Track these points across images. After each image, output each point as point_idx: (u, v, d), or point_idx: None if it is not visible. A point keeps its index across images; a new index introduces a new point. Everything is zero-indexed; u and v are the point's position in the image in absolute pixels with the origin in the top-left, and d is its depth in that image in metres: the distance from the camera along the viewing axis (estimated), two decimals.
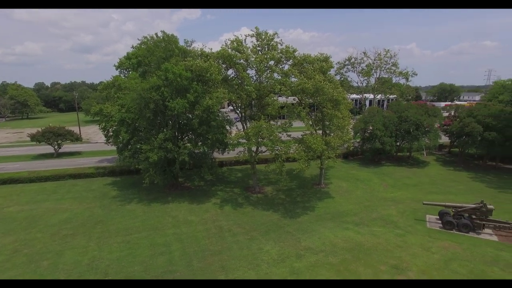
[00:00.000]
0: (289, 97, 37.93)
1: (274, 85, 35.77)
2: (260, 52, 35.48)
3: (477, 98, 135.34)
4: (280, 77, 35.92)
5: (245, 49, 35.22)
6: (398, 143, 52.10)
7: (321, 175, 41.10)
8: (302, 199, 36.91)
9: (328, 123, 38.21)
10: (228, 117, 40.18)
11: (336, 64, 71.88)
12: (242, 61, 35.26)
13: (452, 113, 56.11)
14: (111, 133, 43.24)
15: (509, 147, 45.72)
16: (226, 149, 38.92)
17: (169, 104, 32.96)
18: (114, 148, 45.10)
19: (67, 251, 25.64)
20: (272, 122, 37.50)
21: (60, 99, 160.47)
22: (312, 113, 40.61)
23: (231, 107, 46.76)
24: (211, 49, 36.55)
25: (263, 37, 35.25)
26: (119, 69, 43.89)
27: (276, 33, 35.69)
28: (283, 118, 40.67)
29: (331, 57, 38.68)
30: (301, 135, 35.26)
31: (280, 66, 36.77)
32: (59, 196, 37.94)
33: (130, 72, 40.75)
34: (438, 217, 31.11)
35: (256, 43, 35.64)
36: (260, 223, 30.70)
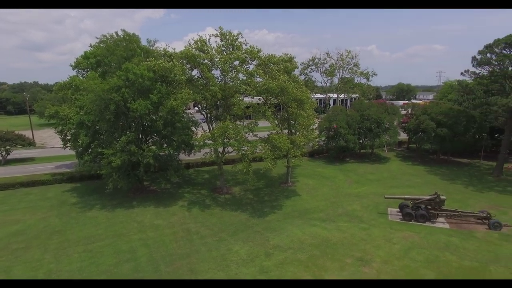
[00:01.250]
0: (255, 97, 38.15)
1: (239, 85, 35.82)
2: (224, 52, 35.29)
3: (431, 97, 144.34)
4: (245, 78, 36.00)
5: (209, 49, 34.90)
6: (361, 141, 54.23)
7: (288, 173, 41.74)
8: (270, 198, 37.24)
9: (293, 122, 38.93)
10: (194, 118, 39.62)
11: (301, 64, 73.39)
12: (206, 61, 34.84)
13: (409, 111, 59.54)
14: (69, 137, 40.87)
15: (458, 142, 49.43)
16: (192, 151, 38.36)
17: (131, 105, 31.80)
18: (73, 152, 42.71)
19: (17, 266, 23.65)
20: (238, 122, 37.51)
21: (8, 100, 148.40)
22: (278, 113, 41.15)
23: (196, 108, 46.13)
24: (174, 49, 35.85)
25: (227, 37, 35.12)
26: (76, 69, 41.59)
27: (240, 33, 35.74)
28: (249, 118, 40.80)
29: (295, 58, 39.46)
30: (267, 134, 35.56)
31: (245, 67, 36.78)
32: (8, 207, 35.00)
33: (89, 72, 38.78)
34: (398, 209, 32.78)
35: (220, 43, 35.47)
36: (228, 223, 30.54)
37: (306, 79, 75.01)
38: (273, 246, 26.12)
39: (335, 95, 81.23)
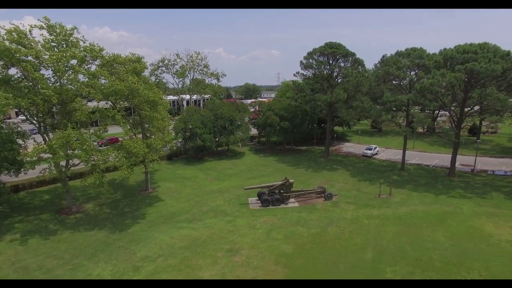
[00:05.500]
0: (102, 101, 34.13)
1: (80, 87, 31.14)
2: (56, 49, 29.97)
3: (273, 95, 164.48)
4: (87, 79, 31.60)
5: (32, 43, 28.88)
6: (217, 139, 56.60)
7: (147, 179, 39.45)
8: (131, 209, 34.30)
9: (147, 125, 37.15)
10: (20, 129, 32.12)
11: (150, 65, 70.60)
12: (30, 58, 28.74)
13: (257, 108, 66.26)
14: None
15: (297, 133, 58.59)
16: (22, 169, 31.05)
17: None
18: None
19: None
20: (83, 129, 32.86)
21: None
22: (130, 117, 38.22)
23: (22, 116, 37.54)
24: None
25: (58, 30, 29.90)
26: None
27: (76, 28, 31.03)
28: (96, 124, 36.26)
29: (144, 58, 37.47)
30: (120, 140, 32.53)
31: (86, 67, 32.32)
32: None
33: None
34: (257, 198, 36.08)
35: (49, 37, 29.84)
36: (84, 246, 26.34)
37: (157, 80, 72.86)
38: (141, 258, 24.21)
39: (188, 96, 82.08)
